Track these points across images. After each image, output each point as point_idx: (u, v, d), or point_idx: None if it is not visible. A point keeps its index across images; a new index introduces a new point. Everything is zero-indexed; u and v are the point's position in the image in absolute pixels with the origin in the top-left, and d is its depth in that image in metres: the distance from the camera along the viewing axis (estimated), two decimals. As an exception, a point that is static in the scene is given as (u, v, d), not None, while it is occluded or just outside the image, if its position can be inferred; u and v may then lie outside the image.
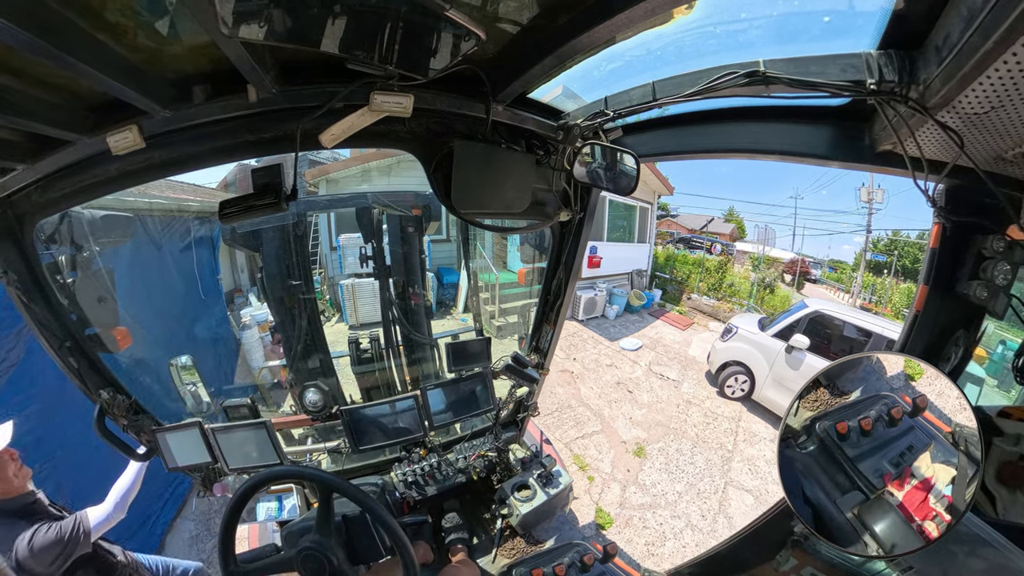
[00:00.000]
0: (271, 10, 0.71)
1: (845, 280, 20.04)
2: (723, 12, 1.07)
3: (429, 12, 0.78)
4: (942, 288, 1.18)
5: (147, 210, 4.46)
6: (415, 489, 2.30)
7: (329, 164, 8.75)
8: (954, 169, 0.98)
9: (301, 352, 2.92)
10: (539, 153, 1.53)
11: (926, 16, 0.78)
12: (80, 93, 1.03)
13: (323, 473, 1.19)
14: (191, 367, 2.42)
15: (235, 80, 1.01)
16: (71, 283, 1.65)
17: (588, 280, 10.32)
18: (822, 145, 1.21)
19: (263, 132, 1.18)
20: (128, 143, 1.07)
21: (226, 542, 1.15)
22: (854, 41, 0.92)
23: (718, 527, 4.30)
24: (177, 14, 0.85)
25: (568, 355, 8.02)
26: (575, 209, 1.76)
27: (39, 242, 1.49)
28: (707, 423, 6.17)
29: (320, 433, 2.74)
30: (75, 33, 0.79)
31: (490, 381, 2.39)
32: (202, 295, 5.31)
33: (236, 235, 2.81)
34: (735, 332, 6.77)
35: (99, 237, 1.84)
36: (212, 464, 1.92)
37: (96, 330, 1.76)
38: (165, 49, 0.95)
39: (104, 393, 1.74)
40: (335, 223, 8.06)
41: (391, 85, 1.07)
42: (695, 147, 1.46)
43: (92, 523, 1.67)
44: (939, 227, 1.14)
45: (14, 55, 0.84)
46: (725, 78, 1.02)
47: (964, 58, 0.69)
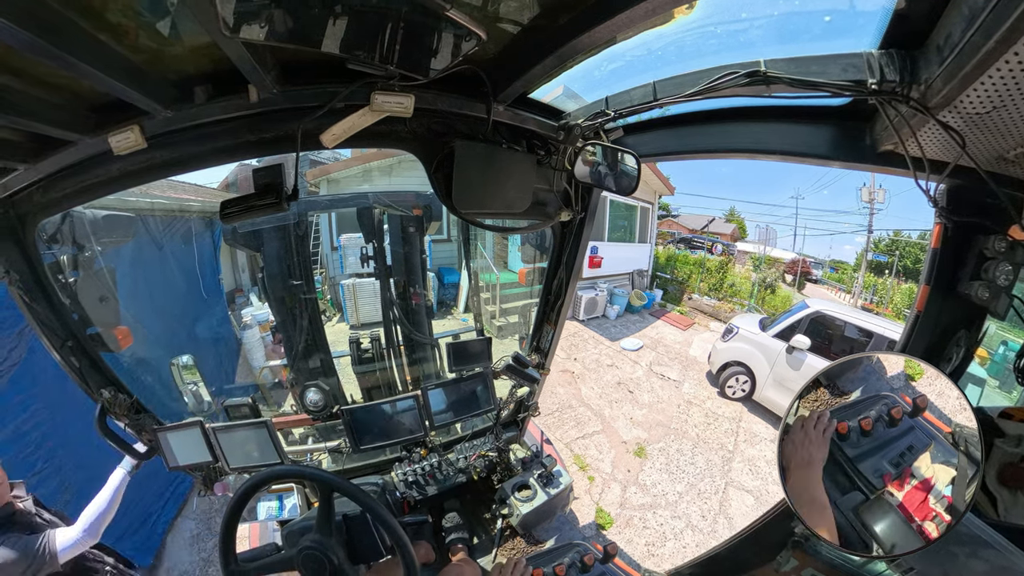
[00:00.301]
0: (272, 11, 0.71)
1: (846, 280, 20.00)
2: (724, 12, 1.07)
3: (430, 12, 0.78)
4: (943, 288, 1.18)
5: (149, 210, 4.47)
6: (416, 489, 2.31)
7: (330, 164, 8.75)
8: (956, 169, 0.98)
9: (302, 352, 2.92)
10: (540, 153, 1.53)
11: (927, 16, 0.78)
12: (82, 93, 1.04)
13: (324, 473, 1.20)
14: (192, 366, 2.43)
15: (236, 80, 1.02)
16: (73, 283, 1.66)
17: (589, 280, 10.32)
18: (823, 145, 1.21)
19: (264, 132, 1.18)
20: (130, 143, 1.08)
21: (227, 541, 1.15)
22: (855, 41, 0.92)
23: (718, 527, 4.29)
24: (178, 15, 0.86)
25: (569, 355, 8.02)
26: (576, 209, 1.75)
27: (41, 242, 1.49)
28: (708, 423, 6.17)
29: (321, 433, 2.74)
30: (77, 33, 0.79)
31: (491, 381, 2.39)
32: (204, 295, 5.32)
33: (237, 235, 2.81)
34: (736, 332, 6.76)
35: (101, 237, 1.85)
36: (213, 463, 1.92)
37: (97, 329, 1.76)
38: (166, 49, 0.95)
39: (105, 392, 1.75)
40: (336, 223, 8.06)
41: (392, 85, 1.07)
42: (696, 147, 1.46)
43: (59, 547, 1.62)
44: (940, 227, 1.14)
45: (15, 55, 0.84)
46: (726, 78, 1.02)
47: (966, 58, 0.69)
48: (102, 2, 0.78)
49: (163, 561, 3.44)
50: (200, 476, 2.10)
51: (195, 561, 3.50)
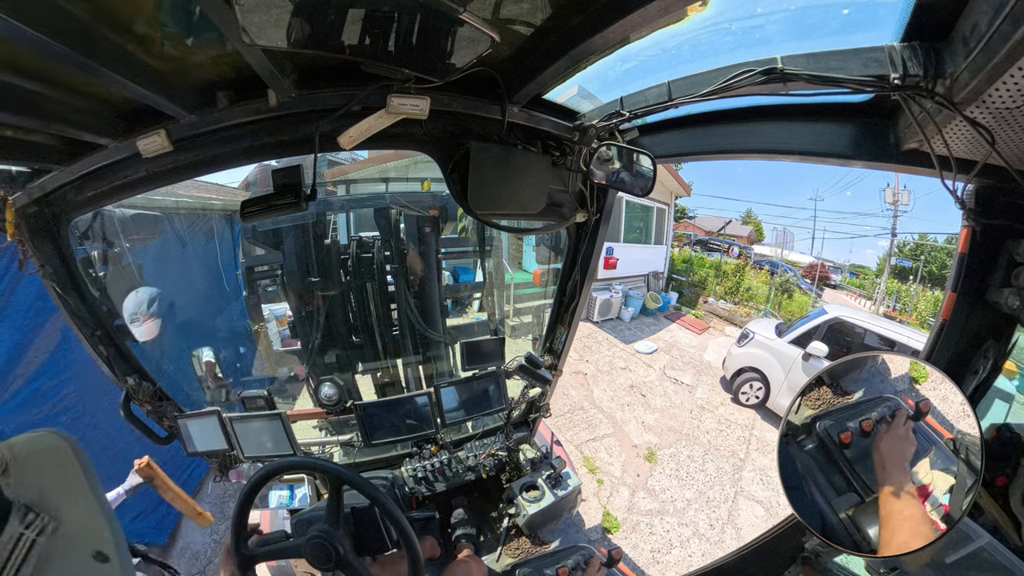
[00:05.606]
0: (291, 19, 0.73)
1: (867, 286, 19.32)
2: (738, 8, 1.05)
3: (443, 15, 0.79)
4: (971, 296, 1.13)
5: (174, 208, 4.62)
6: (424, 485, 2.33)
7: (347, 164, 8.90)
8: (984, 168, 0.93)
9: (317, 347, 2.98)
10: (555, 154, 1.53)
11: (952, 5, 0.75)
12: (112, 100, 1.09)
13: (335, 465, 1.22)
14: (211, 358, 2.51)
15: (256, 85, 1.05)
16: (102, 276, 1.74)
17: (604, 281, 10.23)
18: (844, 144, 1.16)
19: (283, 135, 1.22)
20: (156, 146, 1.13)
21: (239, 526, 1.19)
22: (876, 34, 0.88)
23: (726, 538, 4.21)
24: (201, 25, 0.89)
25: (582, 357, 7.97)
26: (591, 210, 1.75)
27: (73, 238, 1.56)
28: (720, 430, 6.05)
29: (334, 426, 2.80)
30: (107, 45, 0.84)
31: (503, 381, 2.40)
32: (225, 289, 5.48)
33: (257, 233, 2.89)
34: (752, 337, 6.61)
35: (129, 234, 1.93)
36: (228, 451, 1.98)
37: (124, 320, 1.84)
38: (190, 58, 0.99)
39: (130, 380, 1.82)
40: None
41: (407, 88, 1.08)
42: (712, 148, 1.43)
43: None
44: (968, 230, 1.09)
45: (52, 66, 0.89)
46: (742, 76, 1.00)
47: (994, 49, 0.66)
48: (130, 15, 0.82)
49: (177, 540, 3.65)
50: (216, 462, 2.17)
51: (207, 543, 3.65)
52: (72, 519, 0.49)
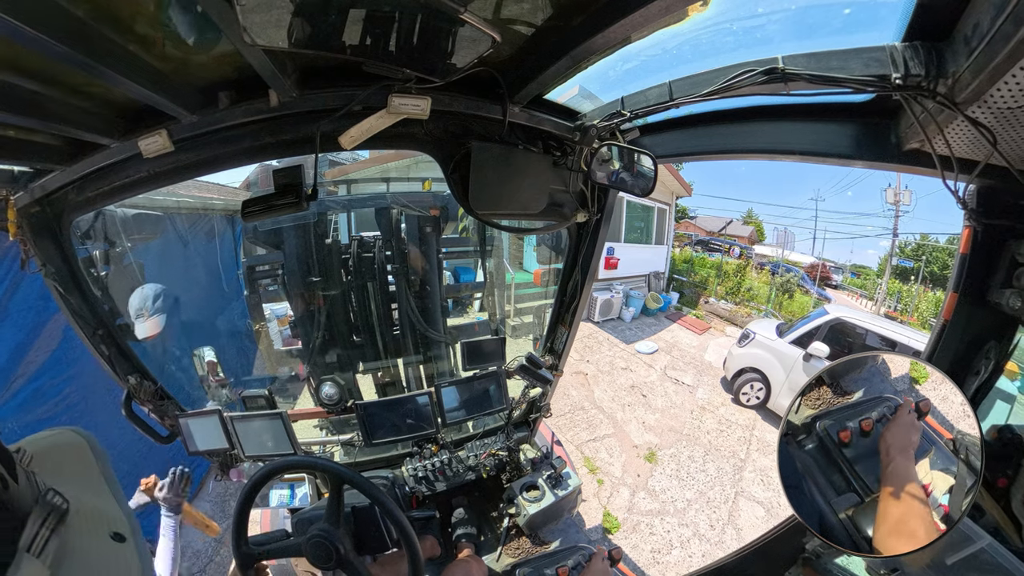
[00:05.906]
0: (292, 19, 0.73)
1: (869, 287, 19.28)
2: (739, 8, 1.05)
3: (444, 15, 0.79)
4: (973, 296, 1.12)
5: (175, 208, 4.63)
6: (425, 484, 2.33)
7: (348, 164, 8.91)
8: (986, 168, 0.93)
9: (318, 346, 2.99)
10: (556, 154, 1.53)
11: (954, 4, 0.74)
12: (113, 101, 1.09)
13: (335, 464, 1.22)
14: (213, 357, 2.51)
15: (257, 85, 1.05)
16: (104, 276, 1.74)
17: (604, 282, 10.23)
18: (845, 144, 1.16)
19: (284, 135, 1.22)
20: (158, 146, 1.13)
21: (240, 524, 1.19)
22: (877, 34, 0.88)
23: (726, 538, 4.20)
24: (202, 25, 0.89)
25: (583, 357, 7.97)
26: (592, 210, 1.75)
27: (75, 238, 1.57)
28: (720, 430, 6.04)
29: (334, 426, 2.80)
30: (108, 45, 0.84)
31: (504, 381, 2.40)
32: (226, 288, 5.49)
33: (258, 232, 2.90)
34: (752, 338, 6.61)
35: (131, 234, 1.93)
36: (229, 450, 1.99)
37: (126, 320, 1.84)
38: (191, 58, 1.00)
39: (132, 379, 1.82)
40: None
41: (408, 88, 1.09)
42: (713, 148, 1.43)
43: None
44: (970, 231, 1.09)
45: (53, 66, 0.89)
46: (743, 76, 0.99)
47: (996, 48, 0.65)
48: (131, 15, 0.82)
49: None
50: (217, 461, 2.17)
51: (208, 541, 3.64)
52: (91, 505, 0.52)
